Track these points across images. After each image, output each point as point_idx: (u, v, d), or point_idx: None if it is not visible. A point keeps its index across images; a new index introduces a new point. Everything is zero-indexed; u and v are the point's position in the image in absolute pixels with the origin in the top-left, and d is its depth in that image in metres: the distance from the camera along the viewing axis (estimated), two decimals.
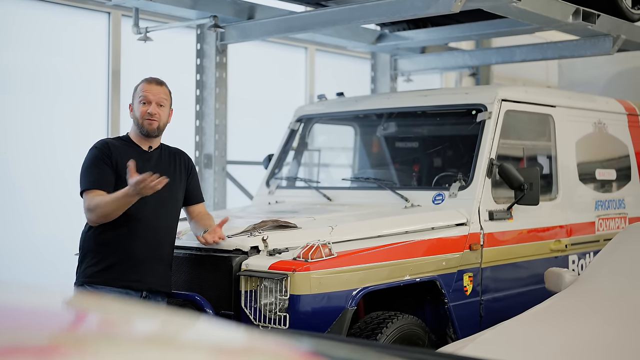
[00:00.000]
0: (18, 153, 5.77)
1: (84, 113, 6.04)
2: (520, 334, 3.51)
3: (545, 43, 6.86)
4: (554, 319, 3.70)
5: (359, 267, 3.96)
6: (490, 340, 3.41)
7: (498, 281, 4.87)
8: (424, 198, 4.93)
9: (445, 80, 9.21)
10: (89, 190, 3.69)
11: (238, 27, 5.94)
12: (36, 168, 5.83)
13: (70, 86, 6.01)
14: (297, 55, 7.79)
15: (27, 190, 5.79)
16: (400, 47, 7.24)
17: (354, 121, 6.05)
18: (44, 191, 5.84)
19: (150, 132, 3.87)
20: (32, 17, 5.79)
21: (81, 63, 6.07)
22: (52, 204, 5.85)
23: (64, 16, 5.94)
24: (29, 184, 5.79)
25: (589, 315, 3.71)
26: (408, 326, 4.10)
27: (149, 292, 3.79)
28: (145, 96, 3.85)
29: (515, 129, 5.29)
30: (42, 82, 5.87)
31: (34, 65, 5.84)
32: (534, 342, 3.41)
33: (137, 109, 3.87)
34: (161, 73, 6.21)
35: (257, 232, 4.07)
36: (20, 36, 5.76)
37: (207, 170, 6.18)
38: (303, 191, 5.62)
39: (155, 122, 3.85)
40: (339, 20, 5.35)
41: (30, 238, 5.76)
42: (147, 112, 3.83)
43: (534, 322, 3.65)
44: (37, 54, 5.85)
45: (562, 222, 5.40)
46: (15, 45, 5.75)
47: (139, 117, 3.85)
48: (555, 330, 3.50)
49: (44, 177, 5.85)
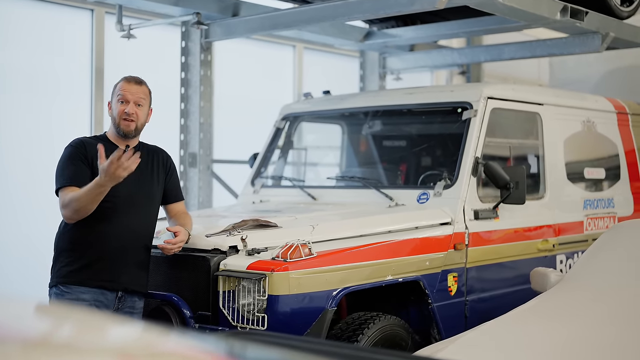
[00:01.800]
0: (1, 151, 5.70)
1: (68, 111, 5.96)
2: (502, 335, 3.45)
3: (534, 41, 6.81)
4: (537, 319, 3.63)
5: (339, 267, 3.89)
6: (471, 341, 3.35)
7: (484, 281, 4.80)
8: (408, 197, 4.87)
9: (436, 78, 9.15)
10: (64, 187, 3.62)
11: (223, 24, 5.87)
12: (21, 165, 5.77)
13: (54, 84, 5.94)
14: (285, 54, 7.72)
15: (13, 186, 5.72)
16: (388, 44, 7.17)
17: (339, 119, 5.98)
18: (30, 188, 5.77)
19: (127, 133, 3.79)
20: (13, 14, 5.71)
21: (64, 61, 5.99)
22: (39, 200, 5.78)
23: (46, 13, 5.87)
24: (11, 181, 5.72)
25: (573, 316, 3.64)
26: (390, 327, 4.04)
27: (125, 292, 3.72)
28: (123, 95, 3.77)
29: (502, 127, 5.23)
30: (25, 80, 5.80)
31: (16, 63, 5.76)
32: (516, 342, 3.35)
33: (115, 107, 3.79)
34: (145, 71, 6.15)
35: (236, 232, 4.00)
36: (2, 34, 5.69)
37: (192, 169, 6.12)
38: (288, 190, 5.55)
39: (132, 122, 3.77)
40: (323, 17, 5.29)
41: (23, 234, 5.70)
42: (125, 112, 3.75)
43: (517, 323, 3.59)
44: (19, 52, 5.78)
45: (550, 222, 5.34)
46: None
47: (116, 117, 3.78)
48: (538, 331, 3.44)
49: (28, 175, 5.78)
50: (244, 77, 7.43)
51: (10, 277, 5.65)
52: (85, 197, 3.51)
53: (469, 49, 7.53)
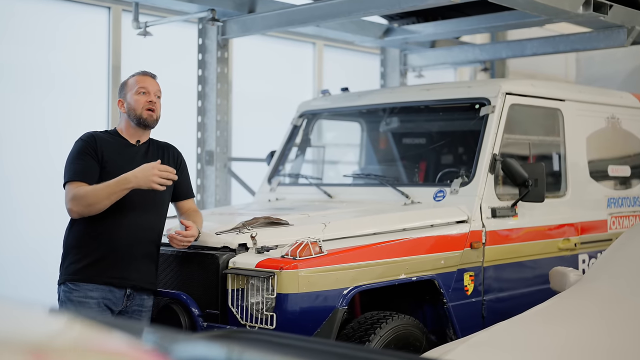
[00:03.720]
0: (20, 149, 5.71)
1: (85, 109, 5.97)
2: (515, 336, 3.35)
3: (557, 36, 6.67)
4: (550, 320, 3.53)
5: (350, 266, 3.82)
6: (483, 342, 3.26)
7: (502, 281, 4.70)
8: (425, 195, 4.79)
9: (459, 76, 9.03)
10: (72, 181, 3.60)
11: (239, 21, 5.84)
12: (38, 164, 5.78)
13: (71, 82, 5.95)
14: (305, 51, 7.67)
15: (26, 186, 5.73)
16: (408, 41, 7.08)
17: (356, 116, 5.91)
18: (44, 187, 5.78)
19: (150, 123, 3.79)
20: (32, 13, 5.73)
21: (82, 59, 6.00)
22: (59, 198, 5.79)
23: (64, 11, 5.88)
24: (29, 180, 5.73)
25: (589, 317, 3.54)
26: (404, 327, 3.96)
27: (133, 290, 3.68)
28: (144, 87, 3.78)
29: (521, 124, 5.12)
30: (43, 78, 5.81)
31: (34, 61, 5.78)
32: (529, 344, 3.25)
33: (135, 100, 3.77)
34: (162, 68, 6.15)
35: (246, 229, 3.95)
36: (21, 32, 5.71)
37: (209, 167, 6.08)
38: (304, 188, 5.49)
39: (154, 112, 3.78)
40: (339, 13, 5.23)
41: (48, 232, 5.71)
42: (148, 102, 3.75)
43: (531, 323, 3.49)
44: (37, 50, 5.79)
45: (572, 220, 5.22)
46: (15, 41, 5.70)
47: (138, 108, 3.76)
48: (553, 332, 3.34)
49: (47, 173, 5.79)
50: (263, 75, 7.40)
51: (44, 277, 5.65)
52: (102, 192, 3.49)
53: (490, 45, 7.41)
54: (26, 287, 5.61)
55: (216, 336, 1.85)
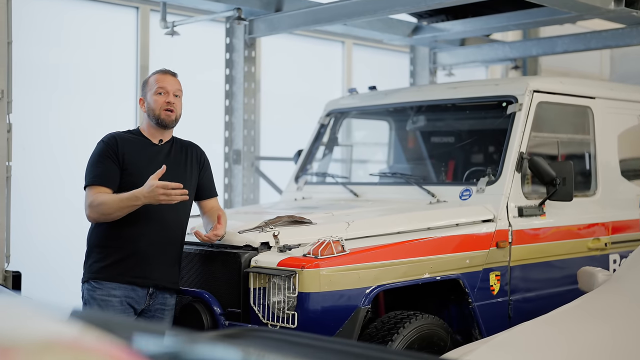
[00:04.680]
0: (47, 150, 5.78)
1: (113, 109, 6.02)
2: (538, 336, 3.30)
3: (588, 32, 6.56)
4: (577, 320, 3.47)
5: (373, 265, 3.80)
6: (504, 343, 3.21)
7: (529, 281, 4.64)
8: (451, 193, 4.75)
9: (490, 74, 8.94)
10: (92, 186, 3.63)
11: (266, 20, 5.84)
12: (66, 164, 5.84)
13: (100, 82, 6.00)
14: (334, 50, 7.65)
15: (55, 187, 5.79)
16: (438, 39, 7.02)
17: (383, 115, 5.88)
18: (72, 188, 5.84)
19: (168, 124, 3.79)
20: (60, 13, 5.80)
21: (110, 58, 6.05)
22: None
23: (93, 12, 5.94)
24: (56, 180, 5.80)
25: (616, 318, 3.47)
26: (428, 326, 3.92)
27: (156, 289, 3.70)
28: (163, 87, 3.78)
29: (549, 122, 5.05)
30: (72, 78, 5.88)
31: (62, 61, 5.84)
32: (552, 345, 3.20)
33: (153, 100, 3.78)
34: (190, 68, 6.18)
35: (268, 228, 3.95)
36: (49, 32, 5.77)
37: (236, 166, 6.10)
38: (331, 187, 5.48)
39: (173, 112, 3.78)
40: (365, 11, 5.21)
41: (53, 234, 5.77)
42: (166, 102, 3.75)
43: (555, 324, 3.43)
44: (65, 50, 5.86)
45: (602, 219, 5.13)
46: (43, 42, 5.76)
47: (157, 108, 3.77)
48: (577, 333, 3.29)
49: (75, 174, 5.85)
50: (293, 74, 7.40)
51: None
52: (114, 205, 3.52)
53: (520, 42, 7.32)
54: (55, 286, 5.67)
55: (224, 335, 1.84)
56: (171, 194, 3.45)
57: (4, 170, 4.85)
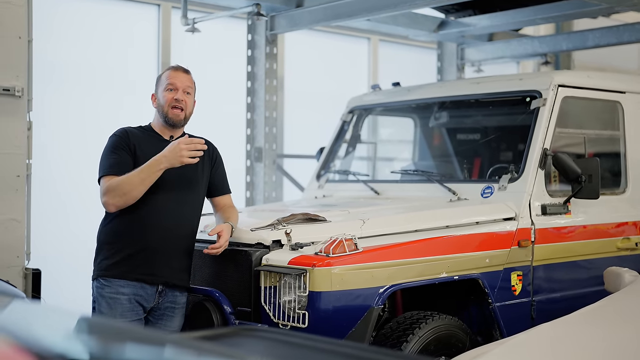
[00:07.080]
0: (70, 147, 5.78)
1: (134, 106, 6.00)
2: (556, 338, 3.16)
3: (621, 25, 6.36)
4: (599, 322, 3.32)
5: (386, 263, 3.70)
6: (520, 345, 3.08)
7: (553, 281, 4.49)
8: (472, 191, 4.62)
9: (521, 70, 8.74)
10: (107, 176, 3.59)
11: (287, 15, 5.78)
12: (89, 161, 5.82)
13: (121, 80, 5.99)
14: (360, 47, 7.55)
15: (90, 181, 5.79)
16: (465, 34, 6.87)
17: (406, 111, 5.77)
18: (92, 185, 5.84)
19: (176, 122, 3.73)
20: (82, 11, 5.80)
21: (132, 56, 6.04)
22: None
23: (115, 9, 5.93)
24: (77, 177, 5.79)
25: (636, 321, 3.32)
26: (445, 327, 3.80)
27: (165, 287, 3.64)
28: (172, 83, 3.72)
29: (576, 118, 4.89)
30: (93, 75, 5.87)
31: (84, 58, 5.84)
32: (570, 348, 3.06)
33: (163, 96, 3.73)
34: (211, 65, 6.14)
35: (281, 226, 3.87)
36: (71, 30, 5.78)
37: (258, 164, 6.03)
38: (352, 185, 5.39)
39: (182, 111, 3.71)
40: (387, 6, 5.12)
41: (73, 232, 5.76)
42: (174, 99, 3.69)
43: (576, 325, 3.29)
44: (87, 48, 5.85)
45: (633, 218, 4.96)
46: (65, 39, 5.77)
47: (165, 105, 3.72)
48: (599, 335, 3.14)
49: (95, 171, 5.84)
50: (318, 71, 7.32)
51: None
52: (136, 178, 3.47)
53: (550, 37, 7.13)
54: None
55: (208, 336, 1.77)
56: (191, 146, 3.45)
57: (24, 168, 4.85)
